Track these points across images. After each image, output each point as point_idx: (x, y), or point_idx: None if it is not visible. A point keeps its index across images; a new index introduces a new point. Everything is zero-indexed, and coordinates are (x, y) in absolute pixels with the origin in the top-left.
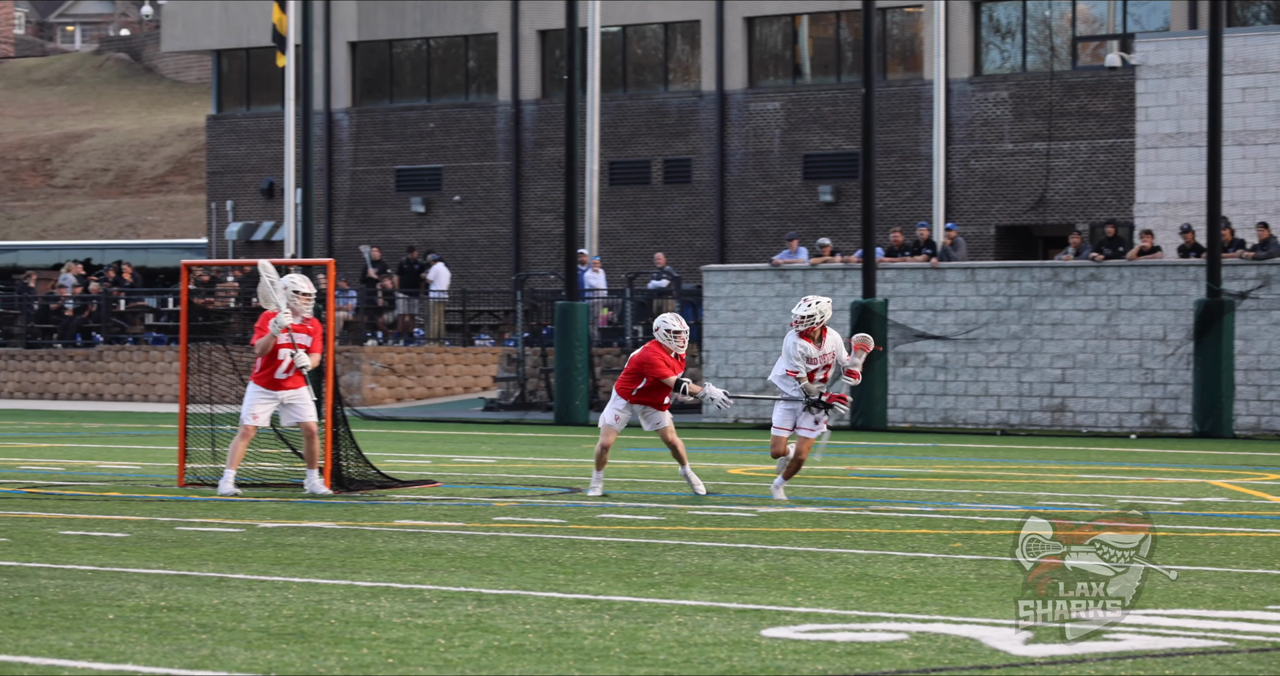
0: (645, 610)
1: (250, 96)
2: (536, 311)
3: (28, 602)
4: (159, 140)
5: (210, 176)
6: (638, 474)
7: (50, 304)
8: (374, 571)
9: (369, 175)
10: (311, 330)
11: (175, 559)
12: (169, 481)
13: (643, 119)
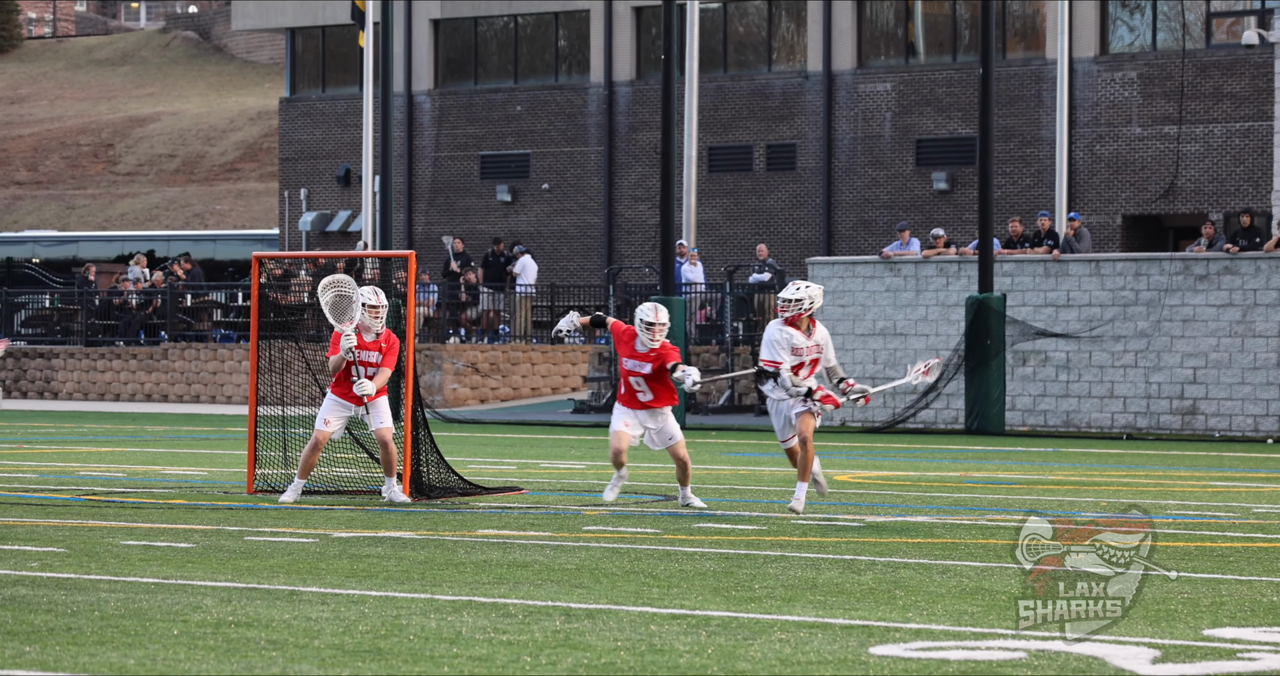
0: (745, 626)
1: (326, 77)
2: (630, 307)
3: (87, 617)
4: (228, 124)
5: (283, 163)
6: (737, 480)
7: (113, 299)
8: (455, 584)
9: (452, 161)
10: (385, 347)
11: (244, 571)
12: (238, 488)
13: (744, 101)
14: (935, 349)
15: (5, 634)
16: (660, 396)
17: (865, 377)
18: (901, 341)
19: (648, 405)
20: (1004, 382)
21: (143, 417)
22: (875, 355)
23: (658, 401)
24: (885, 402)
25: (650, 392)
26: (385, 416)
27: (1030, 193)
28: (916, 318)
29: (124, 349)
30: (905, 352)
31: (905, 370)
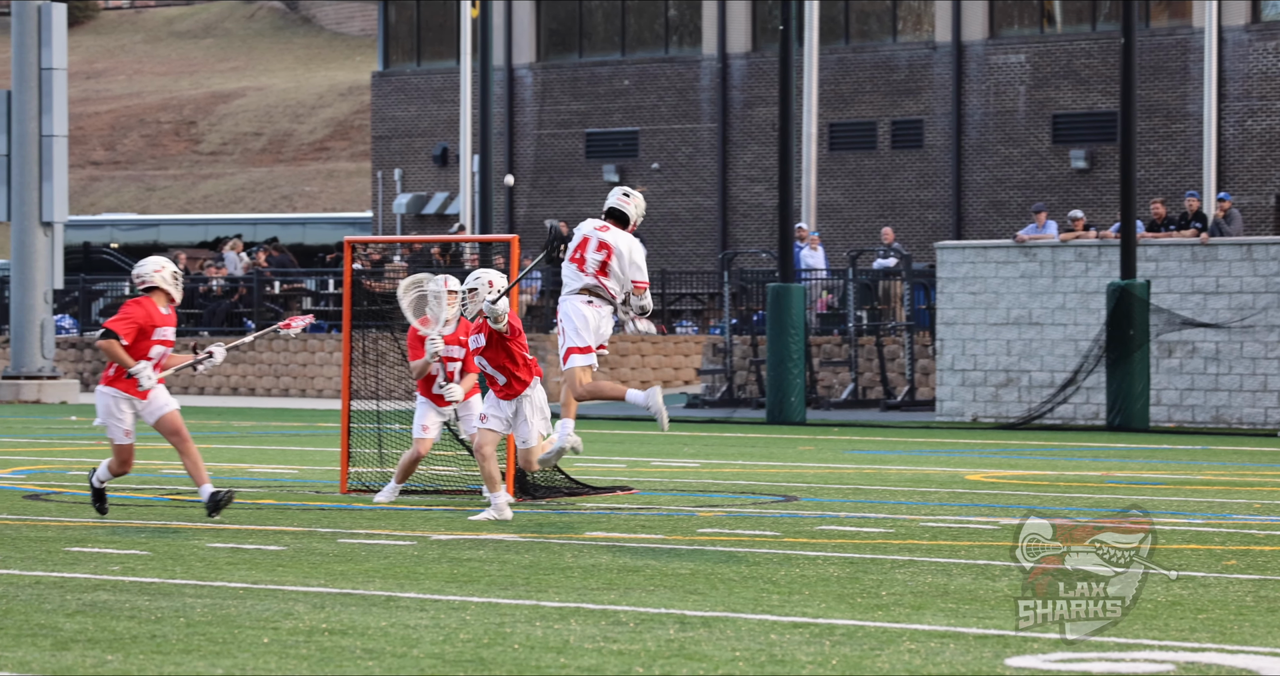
0: (871, 635)
1: (421, 50)
2: (746, 294)
3: (172, 624)
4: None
5: (376, 141)
6: (861, 480)
7: (197, 286)
8: (562, 590)
9: (555, 140)
10: (463, 340)
11: (338, 575)
12: (330, 487)
13: (867, 75)
14: (1074, 339)
15: (86, 641)
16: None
17: (998, 370)
18: (1037, 331)
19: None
20: (1148, 376)
21: (229, 412)
22: (1009, 345)
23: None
24: (1020, 398)
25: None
26: (477, 420)
27: (1176, 172)
28: (1053, 306)
29: (208, 339)
30: (1041, 343)
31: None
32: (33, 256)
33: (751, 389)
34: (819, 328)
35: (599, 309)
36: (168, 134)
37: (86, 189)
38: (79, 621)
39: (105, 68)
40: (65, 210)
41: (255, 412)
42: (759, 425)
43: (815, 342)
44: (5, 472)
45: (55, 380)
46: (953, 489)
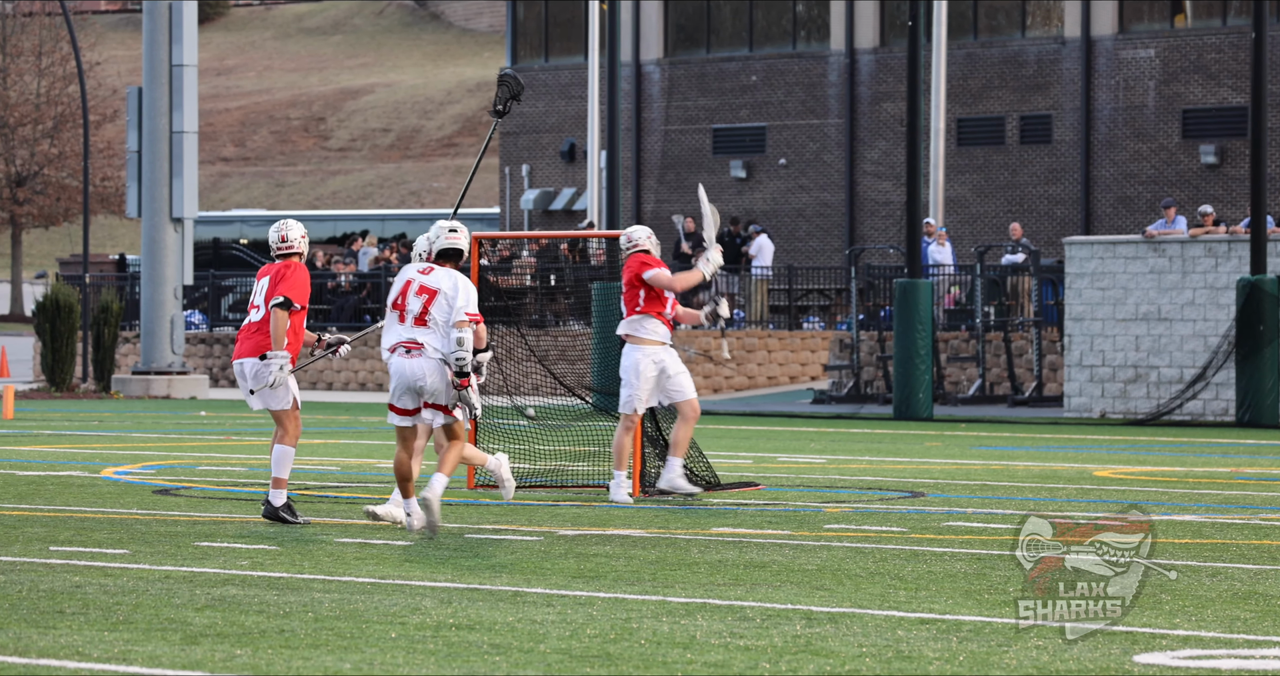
0: (999, 632)
1: (549, 46)
2: (873, 290)
3: (300, 619)
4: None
5: (504, 137)
6: (989, 476)
7: (326, 282)
8: (689, 585)
9: (683, 135)
10: None
11: (465, 570)
12: (457, 483)
13: (996, 70)
14: (1203, 335)
15: (215, 636)
16: None
17: (1126, 366)
18: (1166, 327)
19: None
20: (1278, 372)
21: (356, 408)
22: (1138, 341)
23: None
24: (1149, 393)
25: None
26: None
27: None
28: (1182, 301)
29: (336, 336)
30: (1170, 339)
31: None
32: (163, 252)
33: (878, 384)
34: (946, 323)
35: (421, 361)
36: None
37: (216, 185)
38: (208, 616)
39: (235, 64)
40: (195, 206)
41: (383, 408)
42: (886, 421)
43: (942, 338)
44: (135, 467)
45: (185, 375)
46: (1081, 485)
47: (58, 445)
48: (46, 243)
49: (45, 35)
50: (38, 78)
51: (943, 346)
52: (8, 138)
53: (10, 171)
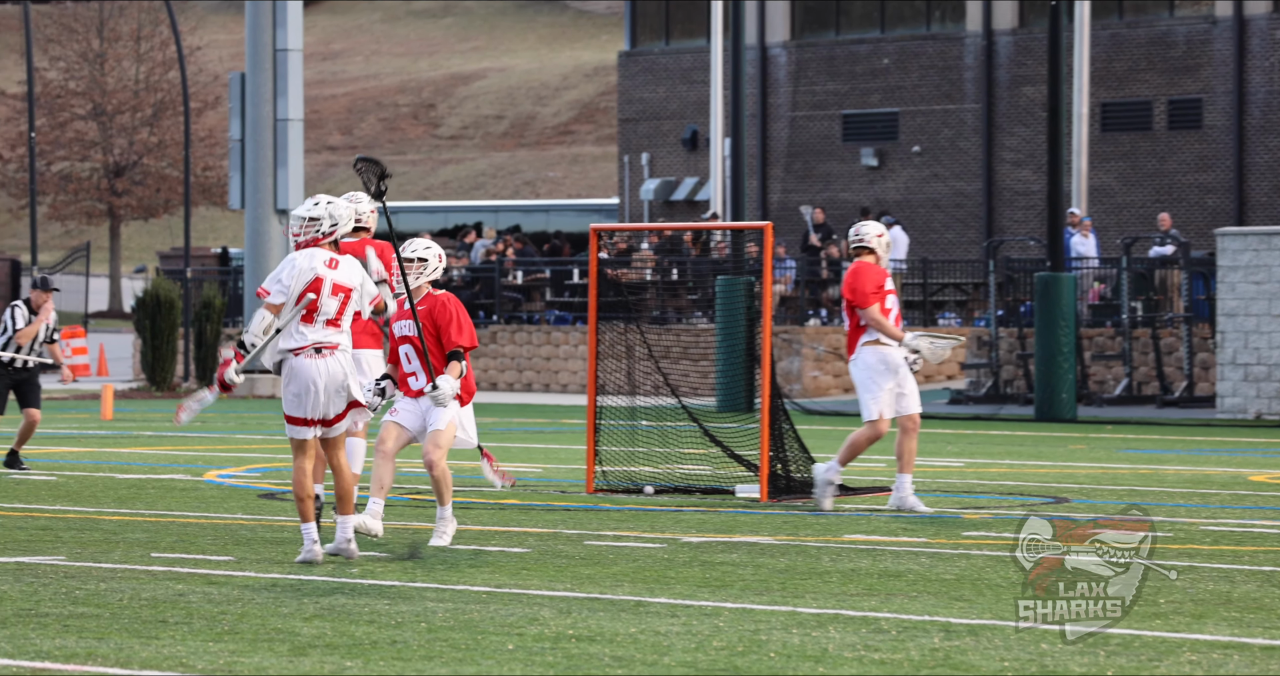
0: (1149, 645)
1: (670, 29)
2: (1013, 284)
3: (413, 629)
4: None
5: (622, 124)
6: (1137, 481)
7: None
8: (820, 595)
9: (811, 122)
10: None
11: (584, 579)
12: (576, 487)
13: (1142, 51)
14: None
15: (324, 647)
16: None
17: (1277, 365)
18: None
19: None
20: None
21: None
22: None
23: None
24: None
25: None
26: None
27: None
28: None
29: None
30: None
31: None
32: (267, 245)
33: (1019, 384)
34: (1090, 319)
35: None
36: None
37: (322, 175)
38: (317, 625)
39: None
40: (300, 197)
41: (497, 408)
42: (1027, 422)
43: (1086, 335)
44: (239, 470)
45: None
46: (1235, 491)
47: (159, 447)
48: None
49: (144, 19)
50: (136, 63)
51: (1087, 344)
52: (106, 126)
53: (108, 161)
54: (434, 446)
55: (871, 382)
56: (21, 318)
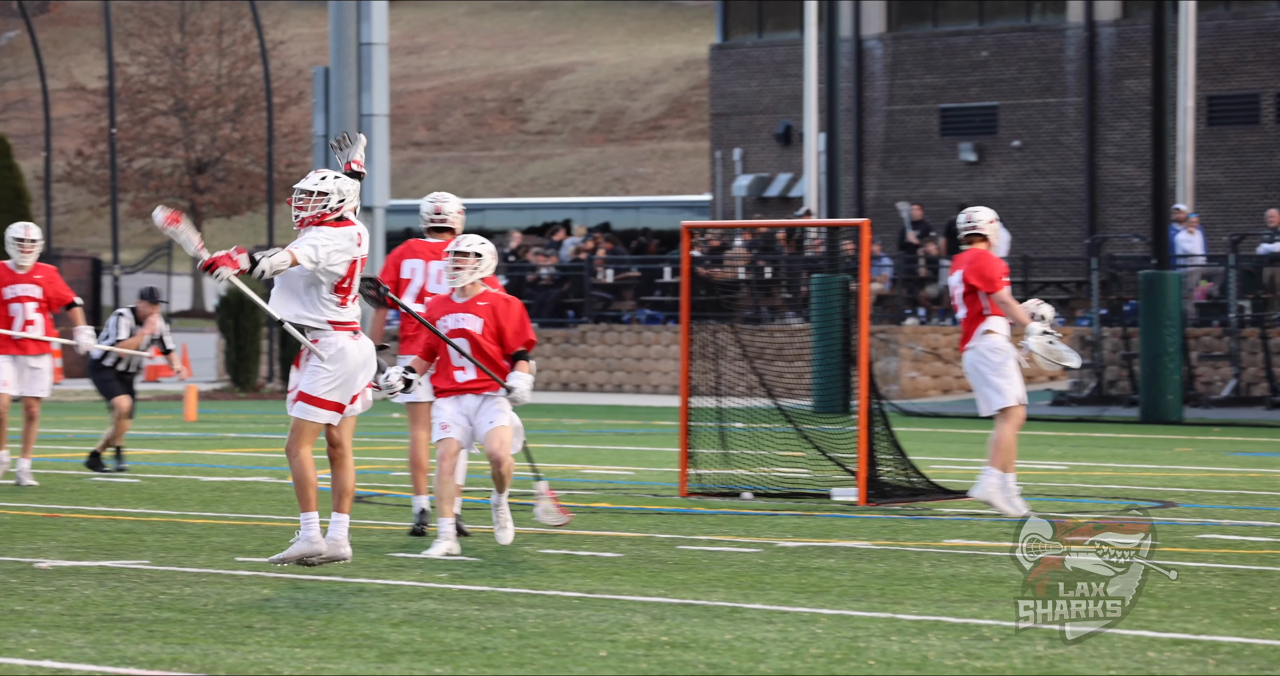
0: (1261, 654)
1: (763, 21)
2: (1116, 283)
3: (503, 635)
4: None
5: (714, 119)
6: (1246, 484)
7: (525, 275)
8: (919, 601)
9: (907, 116)
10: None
11: (678, 584)
12: (669, 490)
13: (1250, 42)
14: None
15: (413, 653)
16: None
17: None
18: None
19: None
20: None
21: (559, 409)
22: None
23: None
24: None
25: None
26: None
27: None
28: None
29: (536, 332)
30: None
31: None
32: None
33: (1123, 385)
34: (1197, 318)
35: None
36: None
37: (408, 171)
38: (405, 632)
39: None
40: (386, 194)
41: (587, 409)
42: (1131, 424)
43: (1193, 335)
44: (325, 473)
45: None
46: None
47: (243, 449)
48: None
49: (226, 13)
50: (218, 58)
51: (1193, 343)
52: (187, 122)
53: (190, 158)
54: (500, 442)
55: (1001, 367)
56: (125, 327)
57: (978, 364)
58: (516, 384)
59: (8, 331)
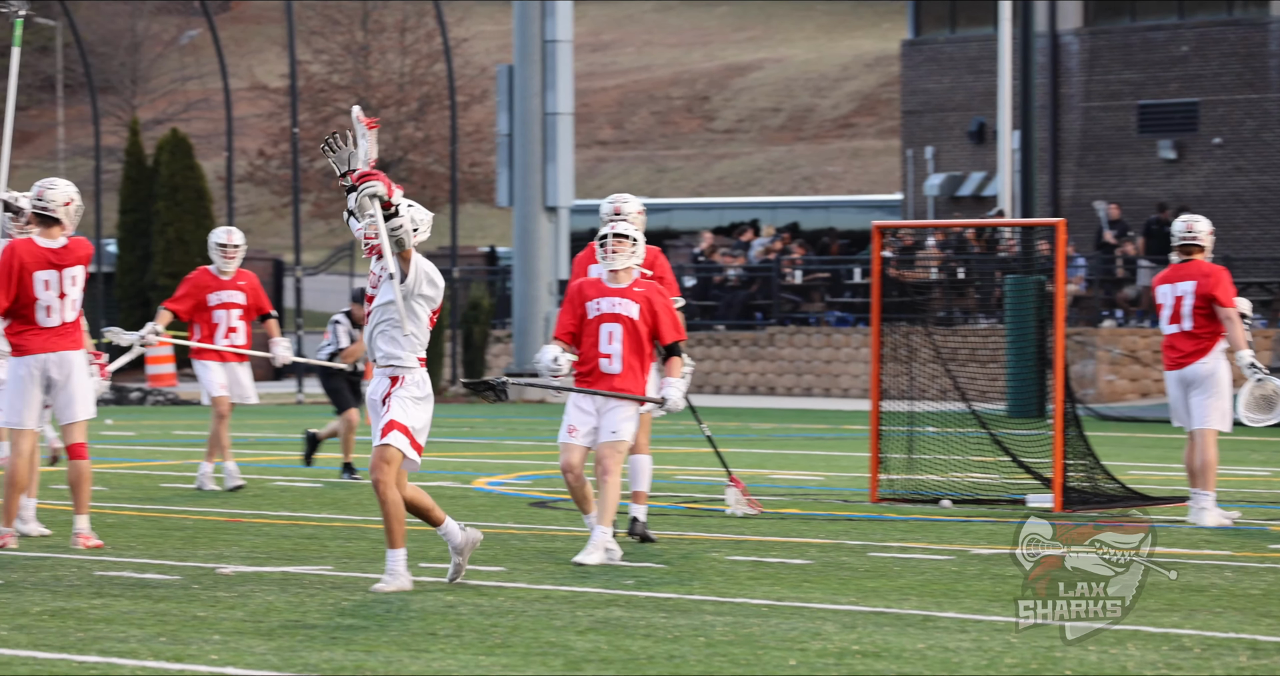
0: None
1: (956, 16)
2: None
3: (690, 644)
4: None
5: (905, 117)
6: None
7: (713, 276)
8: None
9: (1105, 113)
10: None
11: (869, 592)
12: (859, 496)
13: None
14: None
15: (600, 661)
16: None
17: None
18: None
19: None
20: None
21: (746, 413)
22: None
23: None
24: None
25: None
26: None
27: None
28: None
29: (724, 334)
30: None
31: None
32: (536, 244)
33: None
34: None
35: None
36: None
37: (593, 171)
38: (591, 639)
39: (612, 39)
40: (570, 194)
41: (775, 413)
42: None
43: None
44: (509, 478)
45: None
46: None
47: (427, 454)
48: None
49: (409, 10)
50: (401, 56)
51: None
52: None
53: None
54: (614, 451)
55: (1229, 389)
56: (345, 333)
57: (1210, 378)
58: (669, 394)
59: (210, 345)
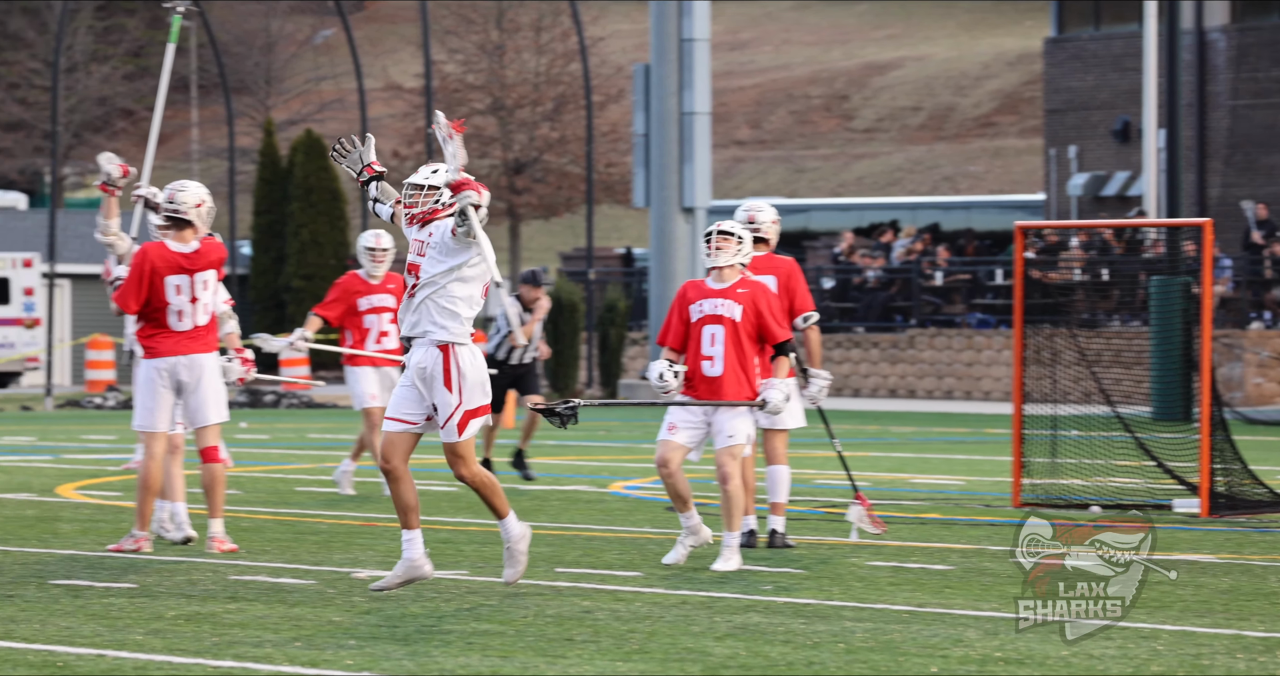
0: None
1: (1100, 13)
2: None
3: (830, 650)
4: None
5: (1048, 115)
6: None
7: (852, 277)
8: (1266, 618)
9: (1253, 111)
10: None
11: (1011, 598)
12: (1001, 501)
13: None
14: None
15: (738, 667)
16: None
17: None
18: None
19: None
20: None
21: (886, 417)
22: None
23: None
24: None
25: None
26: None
27: None
28: None
29: (863, 336)
30: None
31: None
32: (673, 246)
33: None
34: None
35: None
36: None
37: (730, 171)
38: (729, 645)
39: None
40: (708, 195)
41: (916, 417)
42: None
43: None
44: (646, 482)
45: None
46: None
47: (562, 456)
48: (546, 235)
49: (544, 9)
50: (537, 56)
51: None
52: (505, 121)
53: (508, 158)
54: (730, 457)
55: None
56: (516, 316)
57: None
58: (769, 395)
59: (362, 351)
